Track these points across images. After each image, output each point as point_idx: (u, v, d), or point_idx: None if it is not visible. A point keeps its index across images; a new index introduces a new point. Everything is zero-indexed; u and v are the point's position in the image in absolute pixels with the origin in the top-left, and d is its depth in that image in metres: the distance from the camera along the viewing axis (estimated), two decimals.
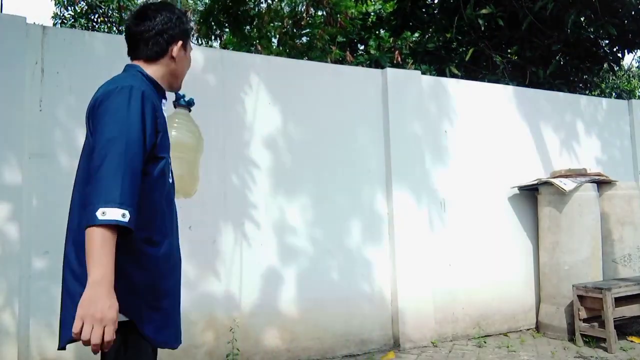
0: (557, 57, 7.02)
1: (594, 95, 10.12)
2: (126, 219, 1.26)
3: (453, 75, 6.57)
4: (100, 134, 1.34)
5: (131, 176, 1.30)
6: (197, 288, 3.52)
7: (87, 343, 1.22)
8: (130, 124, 1.34)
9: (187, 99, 1.95)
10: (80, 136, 3.28)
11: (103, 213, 1.24)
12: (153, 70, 1.55)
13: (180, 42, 1.57)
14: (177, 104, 1.96)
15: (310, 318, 3.87)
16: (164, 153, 1.46)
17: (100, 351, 1.26)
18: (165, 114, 1.58)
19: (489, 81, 6.29)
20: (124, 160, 1.29)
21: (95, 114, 1.40)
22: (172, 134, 1.84)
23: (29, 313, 3.02)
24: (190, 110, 1.98)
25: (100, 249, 1.23)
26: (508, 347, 4.15)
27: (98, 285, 1.22)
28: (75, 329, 1.22)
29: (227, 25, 8.43)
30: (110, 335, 1.23)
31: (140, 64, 1.56)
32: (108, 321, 1.22)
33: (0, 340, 2.89)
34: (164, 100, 1.58)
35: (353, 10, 9.36)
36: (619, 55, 7.04)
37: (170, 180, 1.55)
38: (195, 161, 1.94)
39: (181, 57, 1.58)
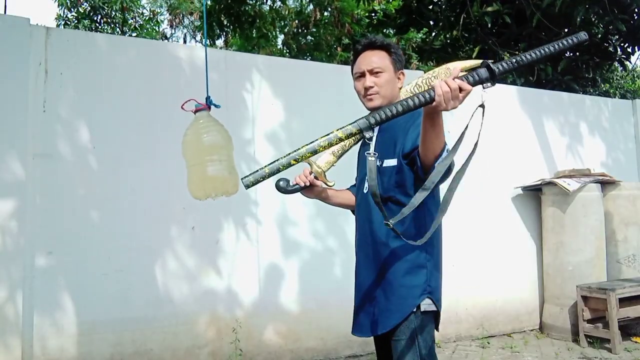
0: (566, 54, 6.96)
1: (601, 91, 10.05)
2: None
3: None
4: None
5: None
6: (201, 289, 3.52)
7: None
8: None
9: (208, 101, 1.95)
10: (83, 136, 3.29)
11: None
12: None
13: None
14: (195, 107, 1.94)
15: (314, 318, 3.86)
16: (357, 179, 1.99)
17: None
18: (372, 143, 1.85)
19: None
20: None
21: None
22: (204, 138, 1.86)
23: (33, 310, 3.03)
24: (209, 109, 1.97)
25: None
26: (512, 347, 4.14)
27: None
28: None
29: (228, 25, 8.44)
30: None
31: None
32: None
33: (5, 337, 2.90)
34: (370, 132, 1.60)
35: (358, 11, 9.33)
36: (629, 51, 6.98)
37: (364, 191, 1.88)
38: (229, 159, 1.94)
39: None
